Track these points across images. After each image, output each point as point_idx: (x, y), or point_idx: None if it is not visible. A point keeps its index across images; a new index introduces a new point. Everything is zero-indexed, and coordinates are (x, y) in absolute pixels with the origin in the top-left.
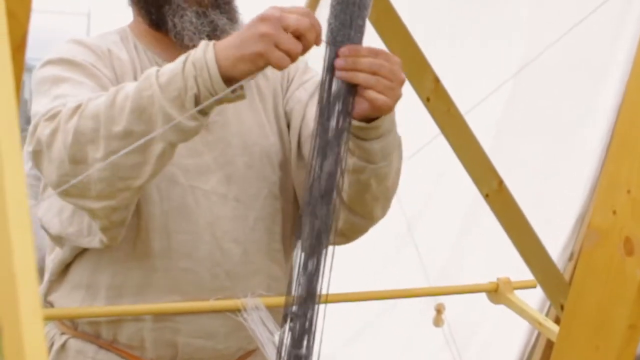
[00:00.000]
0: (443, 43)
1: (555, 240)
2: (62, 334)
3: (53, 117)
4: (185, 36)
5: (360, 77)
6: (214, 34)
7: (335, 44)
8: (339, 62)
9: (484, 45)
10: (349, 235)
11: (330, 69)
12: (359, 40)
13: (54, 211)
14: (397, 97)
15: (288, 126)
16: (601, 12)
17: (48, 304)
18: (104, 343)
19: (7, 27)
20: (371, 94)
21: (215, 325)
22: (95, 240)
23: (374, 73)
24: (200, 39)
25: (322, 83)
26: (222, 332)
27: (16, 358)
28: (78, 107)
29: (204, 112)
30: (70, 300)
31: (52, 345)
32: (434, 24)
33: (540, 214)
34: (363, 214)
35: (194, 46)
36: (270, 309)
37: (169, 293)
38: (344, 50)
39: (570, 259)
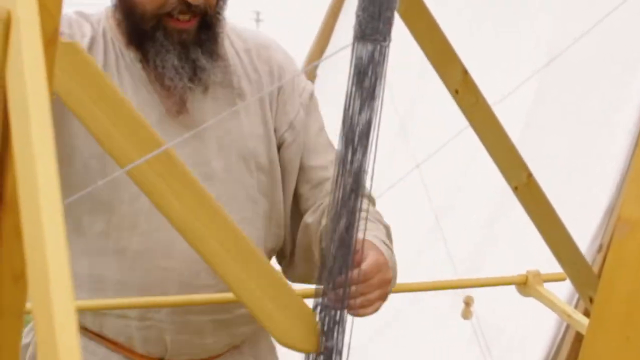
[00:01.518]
0: (470, 35)
1: (584, 233)
2: None
3: None
4: (166, 78)
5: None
6: (195, 75)
7: (364, 37)
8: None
9: (511, 36)
10: None
11: (359, 65)
12: (387, 33)
13: None
14: (383, 297)
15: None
16: (631, 3)
17: None
18: (93, 334)
19: (38, 20)
20: (358, 312)
21: (203, 321)
22: None
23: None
24: (181, 81)
25: (349, 81)
26: (210, 328)
27: (48, 348)
28: None
29: None
30: None
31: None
32: (461, 16)
33: (568, 206)
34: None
35: (174, 87)
36: None
37: (149, 292)
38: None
39: (599, 251)
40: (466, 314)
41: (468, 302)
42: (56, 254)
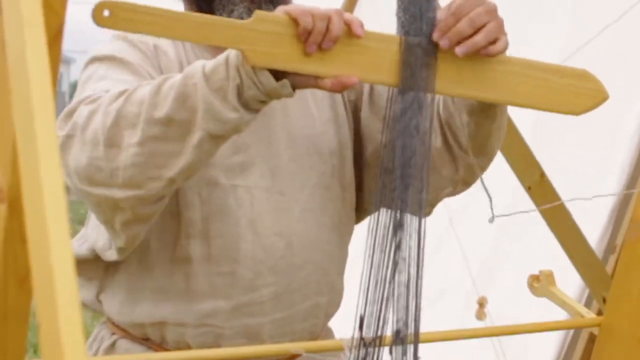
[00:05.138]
0: None
1: (593, 231)
2: (113, 334)
3: (93, 101)
4: None
5: (477, 43)
6: None
7: (408, 36)
8: (443, 44)
9: (525, 34)
10: (470, 181)
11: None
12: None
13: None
14: (503, 29)
15: (356, 108)
16: None
17: (99, 302)
18: (153, 344)
19: (42, 17)
20: (490, 49)
21: (261, 323)
22: (113, 252)
23: (480, 27)
24: None
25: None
26: (269, 328)
27: (53, 351)
28: (124, 92)
29: (249, 107)
30: (116, 301)
31: (101, 343)
32: None
33: (577, 204)
34: (488, 153)
35: None
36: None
37: (211, 298)
38: (437, 35)
39: (612, 252)
40: (480, 315)
41: (482, 303)
42: (61, 256)
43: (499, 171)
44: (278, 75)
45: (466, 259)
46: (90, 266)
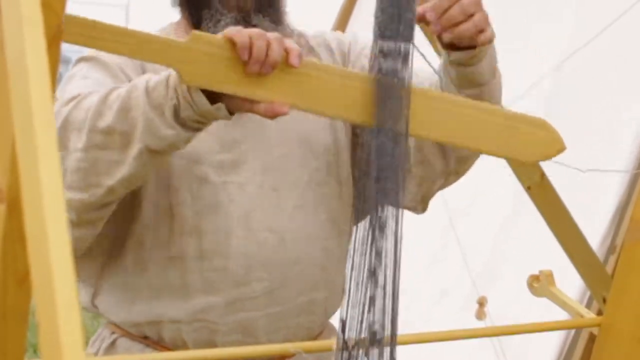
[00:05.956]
0: None
1: (594, 232)
2: (113, 333)
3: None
4: None
5: (468, 30)
6: None
7: (384, 38)
8: (435, 29)
9: (528, 33)
10: (462, 171)
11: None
12: (409, 36)
13: None
14: (488, 21)
15: None
16: None
17: (95, 307)
18: (151, 342)
19: (41, 17)
20: (479, 38)
21: (256, 317)
22: None
23: (470, 16)
24: None
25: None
26: (263, 323)
27: (53, 354)
28: (75, 96)
29: (187, 126)
30: (113, 302)
31: (102, 342)
32: None
33: (579, 205)
34: None
35: None
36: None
37: (205, 293)
38: (430, 14)
39: (612, 252)
40: (480, 315)
41: (482, 303)
42: (60, 256)
43: (499, 171)
44: (215, 97)
45: (466, 259)
46: (83, 269)
